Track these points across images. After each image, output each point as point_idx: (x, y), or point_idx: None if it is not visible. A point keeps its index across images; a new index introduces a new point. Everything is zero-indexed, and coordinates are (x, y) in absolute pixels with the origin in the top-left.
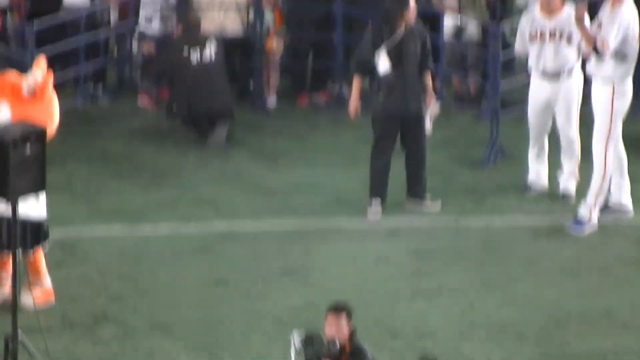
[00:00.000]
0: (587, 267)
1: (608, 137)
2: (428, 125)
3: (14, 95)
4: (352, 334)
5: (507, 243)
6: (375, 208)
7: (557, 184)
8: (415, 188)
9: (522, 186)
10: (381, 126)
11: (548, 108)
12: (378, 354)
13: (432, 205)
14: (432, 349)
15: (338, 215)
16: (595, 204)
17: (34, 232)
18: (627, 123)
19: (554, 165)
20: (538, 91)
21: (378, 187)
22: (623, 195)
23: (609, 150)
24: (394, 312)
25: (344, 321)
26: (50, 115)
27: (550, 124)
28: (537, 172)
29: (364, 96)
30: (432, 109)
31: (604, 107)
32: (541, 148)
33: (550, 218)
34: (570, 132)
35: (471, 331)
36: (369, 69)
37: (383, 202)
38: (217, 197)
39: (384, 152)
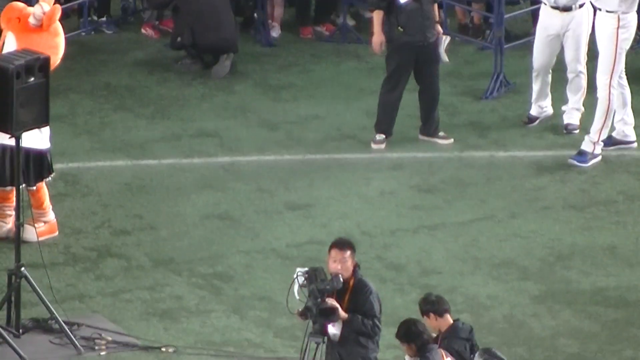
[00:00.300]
0: (590, 201)
1: (612, 70)
2: (444, 55)
3: (20, 25)
4: (355, 269)
5: (511, 177)
6: (380, 142)
7: (562, 117)
8: (429, 126)
9: (525, 119)
10: (398, 58)
11: (556, 41)
12: (381, 289)
13: (444, 141)
14: (435, 285)
15: (342, 148)
16: (598, 138)
17: (38, 166)
18: (630, 55)
19: (559, 98)
20: (548, 23)
21: (386, 122)
22: (627, 129)
23: (613, 83)
24: (398, 247)
25: (348, 257)
26: (56, 46)
27: (554, 59)
28: (540, 106)
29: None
30: (444, 39)
31: (609, 39)
32: (544, 83)
33: (554, 152)
34: (578, 66)
35: (474, 267)
36: (387, 2)
37: (388, 136)
38: (220, 130)
39: (398, 85)
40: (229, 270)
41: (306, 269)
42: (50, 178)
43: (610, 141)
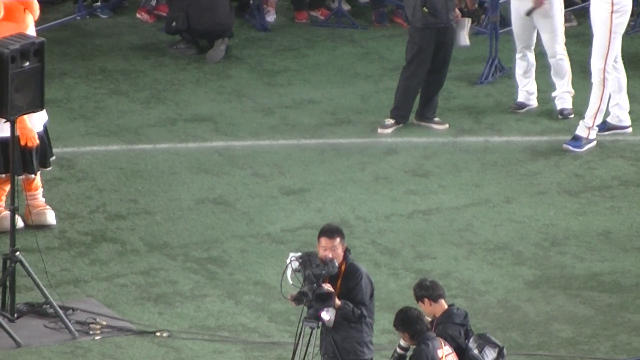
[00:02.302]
0: (585, 186)
1: (607, 55)
2: (466, 39)
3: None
4: (346, 254)
5: (505, 162)
6: (388, 127)
7: (554, 103)
8: (427, 109)
9: (514, 105)
10: (420, 41)
11: (530, 21)
12: (376, 273)
13: (439, 126)
14: (429, 269)
15: (337, 133)
16: (593, 123)
17: (45, 151)
18: (625, 40)
19: (550, 84)
20: (518, 4)
21: (405, 109)
22: (622, 113)
23: (608, 68)
24: (392, 231)
25: (338, 244)
26: None
27: (534, 36)
28: (527, 91)
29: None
30: (467, 22)
31: (603, 24)
32: (529, 63)
33: (549, 137)
34: (557, 47)
35: (469, 252)
36: None
37: (402, 123)
38: (215, 115)
39: (419, 70)
40: (224, 254)
41: (300, 253)
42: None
43: (605, 126)
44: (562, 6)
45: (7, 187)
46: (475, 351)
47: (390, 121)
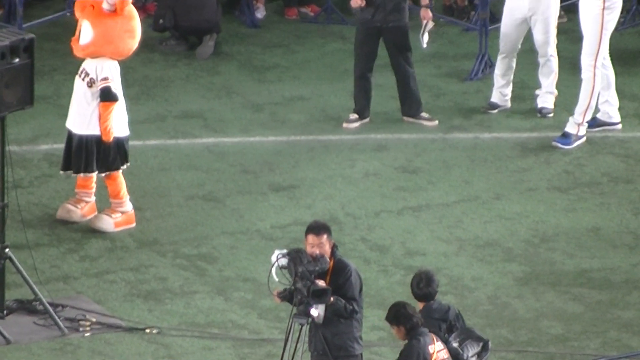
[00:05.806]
0: (575, 183)
1: (598, 51)
2: (421, 40)
3: (95, 12)
4: (333, 250)
5: (495, 158)
6: (353, 121)
7: (535, 101)
8: (407, 106)
9: (486, 106)
10: (356, 34)
11: (524, 24)
12: (365, 270)
13: (429, 123)
14: (419, 266)
15: (326, 130)
16: (583, 120)
17: (121, 152)
18: (615, 37)
19: (533, 82)
20: (514, 6)
21: (359, 103)
22: (611, 110)
23: (598, 65)
24: (382, 228)
25: (325, 241)
26: (132, 29)
27: (521, 42)
28: (501, 92)
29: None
30: (424, 23)
31: (594, 21)
32: (509, 67)
33: (538, 133)
34: (549, 49)
35: (458, 248)
36: None
37: (362, 116)
38: (205, 111)
39: (359, 64)
40: (213, 251)
41: (285, 250)
42: (125, 167)
43: (594, 122)
44: (557, 8)
45: (92, 183)
46: (455, 344)
47: (354, 116)
